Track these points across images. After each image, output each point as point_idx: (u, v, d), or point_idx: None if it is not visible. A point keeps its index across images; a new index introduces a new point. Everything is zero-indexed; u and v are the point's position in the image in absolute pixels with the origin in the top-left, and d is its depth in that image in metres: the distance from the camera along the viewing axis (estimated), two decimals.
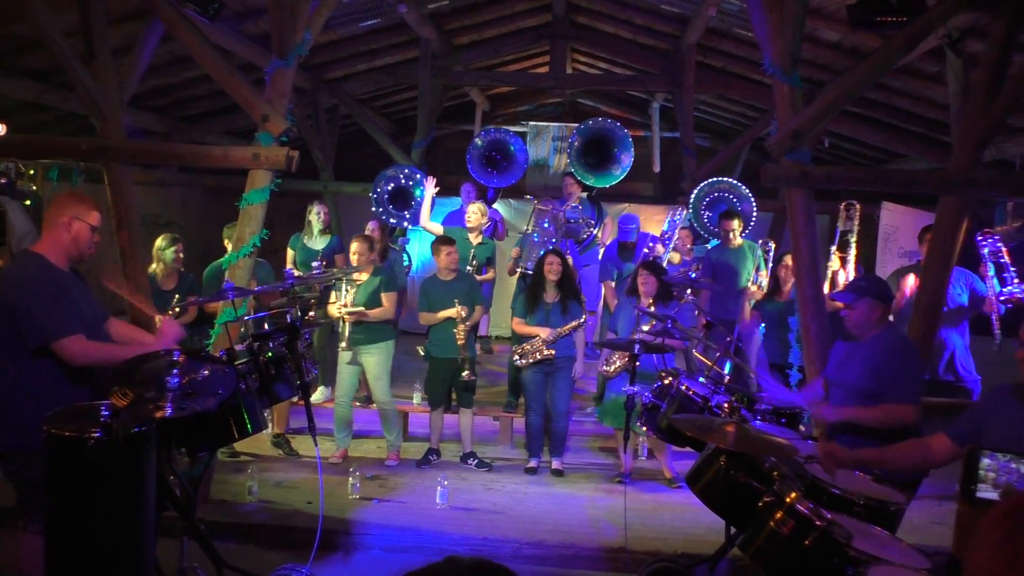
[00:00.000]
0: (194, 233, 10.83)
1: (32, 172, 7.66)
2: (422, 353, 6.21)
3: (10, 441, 3.27)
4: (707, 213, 7.71)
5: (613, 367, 5.72)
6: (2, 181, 7.19)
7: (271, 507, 5.13)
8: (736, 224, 6.88)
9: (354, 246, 5.84)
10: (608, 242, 7.77)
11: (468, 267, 6.57)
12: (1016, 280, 5.55)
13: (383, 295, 5.81)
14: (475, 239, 6.91)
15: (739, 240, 6.94)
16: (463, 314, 5.84)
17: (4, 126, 7.04)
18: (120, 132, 5.17)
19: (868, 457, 3.26)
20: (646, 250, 7.16)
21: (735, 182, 7.93)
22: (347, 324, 5.80)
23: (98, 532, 2.81)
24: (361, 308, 5.73)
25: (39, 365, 3.26)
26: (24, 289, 3.27)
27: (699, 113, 10.77)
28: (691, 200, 7.79)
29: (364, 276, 5.86)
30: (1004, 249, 5.62)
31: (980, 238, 5.73)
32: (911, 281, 5.64)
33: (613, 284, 7.18)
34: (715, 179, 7.98)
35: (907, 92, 7.55)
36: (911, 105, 7.79)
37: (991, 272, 5.59)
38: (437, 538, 4.82)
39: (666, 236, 7.42)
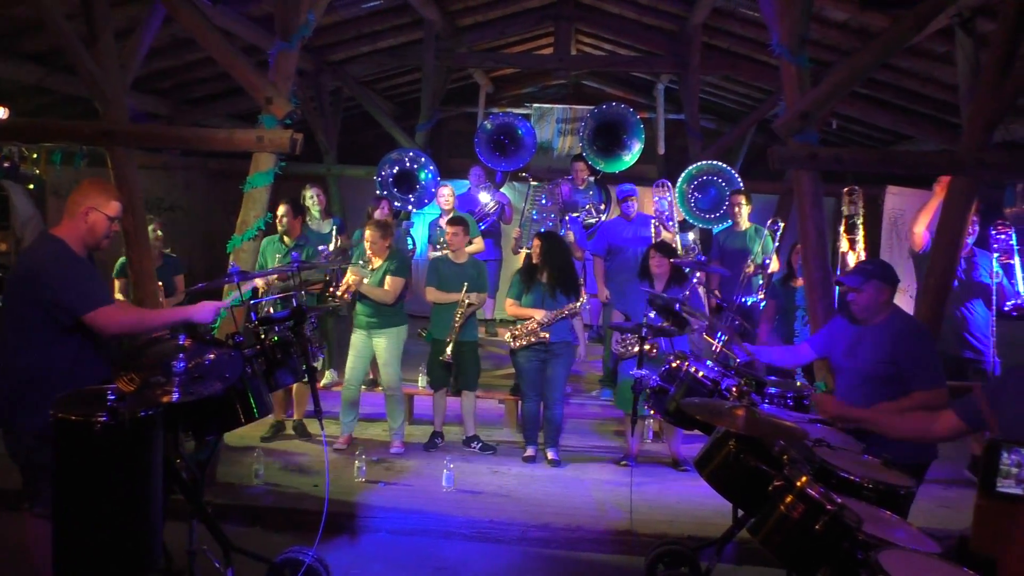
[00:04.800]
0: (199, 216, 10.83)
1: (35, 156, 7.66)
2: (423, 335, 6.20)
3: (18, 425, 3.28)
4: (696, 195, 7.64)
5: (630, 348, 5.59)
6: (5, 165, 7.20)
7: (278, 490, 5.14)
8: (744, 200, 6.85)
9: (368, 233, 5.78)
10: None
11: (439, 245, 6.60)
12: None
13: (388, 278, 5.78)
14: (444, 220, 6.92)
15: (746, 223, 6.92)
16: (467, 301, 5.84)
17: (6, 110, 7.02)
18: (123, 115, 5.15)
19: (863, 416, 3.32)
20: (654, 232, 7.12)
21: (722, 165, 7.85)
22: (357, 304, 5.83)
23: (106, 515, 2.80)
24: (356, 280, 5.71)
25: (54, 350, 3.27)
26: (56, 266, 3.28)
27: (704, 95, 10.68)
28: (678, 184, 7.74)
29: (377, 261, 5.83)
30: (1017, 249, 5.62)
31: (994, 231, 5.72)
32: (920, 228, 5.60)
33: (603, 259, 7.12)
34: (701, 163, 7.91)
35: (916, 73, 7.48)
36: (920, 86, 7.73)
37: (996, 267, 5.60)
38: (443, 521, 4.84)
39: (665, 216, 7.36)
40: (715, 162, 7.92)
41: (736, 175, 7.72)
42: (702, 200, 7.64)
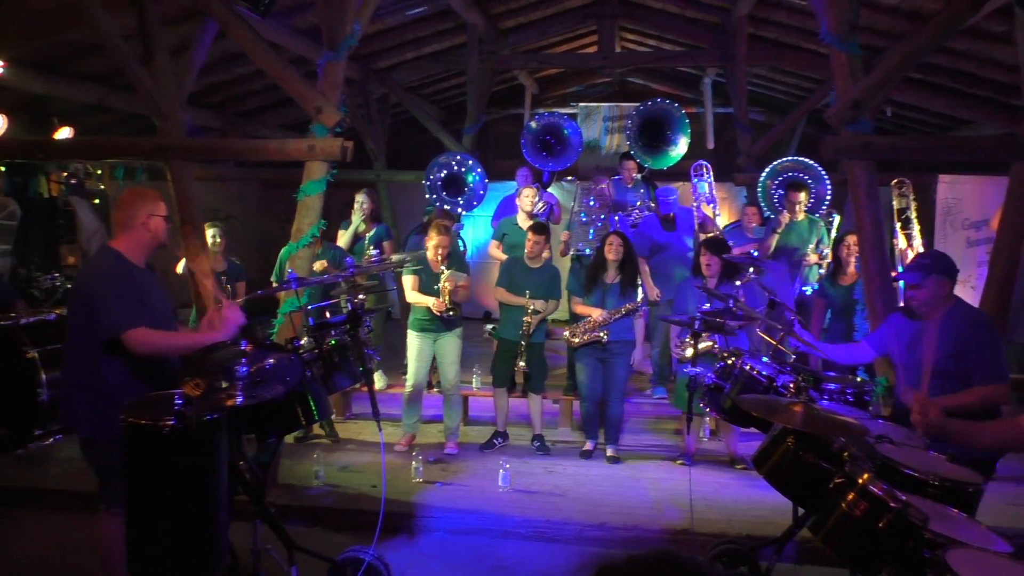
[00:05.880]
0: (253, 225, 11.09)
1: (99, 172, 7.94)
2: (489, 328, 6.23)
3: (90, 429, 3.41)
4: (780, 192, 7.46)
5: (688, 351, 5.53)
6: (72, 182, 7.49)
7: (337, 491, 5.23)
8: (803, 197, 6.71)
9: (440, 239, 5.77)
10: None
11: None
12: None
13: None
14: (525, 224, 6.90)
15: (802, 215, 6.78)
16: (534, 308, 5.87)
17: (71, 129, 7.30)
18: (180, 130, 5.31)
19: (958, 428, 3.12)
20: (696, 223, 7.06)
21: (810, 162, 7.60)
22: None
23: (175, 515, 2.90)
24: (452, 286, 5.77)
25: (116, 357, 3.37)
26: (99, 282, 3.39)
27: (752, 87, 10.53)
28: (761, 179, 7.60)
29: (441, 266, 5.85)
30: None
31: None
32: None
33: (646, 260, 7.05)
34: (789, 158, 7.68)
35: (973, 55, 7.26)
36: (977, 68, 7.49)
37: None
38: (500, 520, 4.86)
39: (705, 197, 7.28)
40: (801, 158, 7.64)
41: (823, 171, 7.48)
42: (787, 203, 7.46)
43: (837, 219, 6.91)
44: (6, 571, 4.32)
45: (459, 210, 7.97)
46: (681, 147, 8.09)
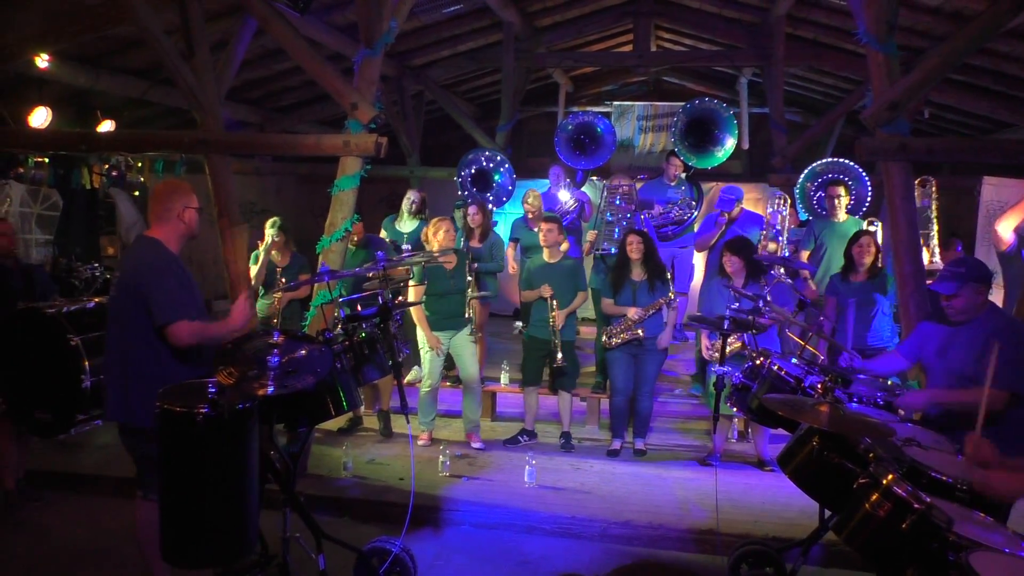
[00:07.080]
0: (288, 219, 11.24)
1: (140, 165, 8.12)
2: (519, 327, 6.25)
3: (128, 416, 3.49)
4: (820, 194, 7.35)
5: (717, 353, 5.49)
6: (113, 174, 7.67)
7: (365, 482, 5.31)
8: (843, 191, 6.57)
9: (446, 225, 5.81)
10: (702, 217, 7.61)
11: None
12: None
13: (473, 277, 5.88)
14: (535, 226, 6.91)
15: (844, 215, 6.67)
16: (547, 294, 5.88)
17: (113, 122, 7.47)
18: (219, 125, 5.41)
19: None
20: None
21: (850, 163, 7.46)
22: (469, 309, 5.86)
23: (207, 501, 2.97)
24: (485, 293, 5.82)
25: (156, 345, 3.45)
26: (148, 274, 3.47)
27: (789, 87, 10.42)
28: (800, 179, 7.50)
29: (454, 260, 5.88)
30: None
31: None
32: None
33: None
34: (830, 160, 7.57)
35: (1016, 57, 7.11)
36: (1019, 70, 7.35)
37: None
38: (525, 515, 4.89)
39: (775, 230, 7.10)
40: (841, 160, 7.53)
41: (863, 173, 7.34)
42: (824, 199, 7.36)
43: (879, 225, 6.77)
44: (44, 552, 4.45)
45: (489, 206, 8.02)
46: (728, 147, 8.03)
